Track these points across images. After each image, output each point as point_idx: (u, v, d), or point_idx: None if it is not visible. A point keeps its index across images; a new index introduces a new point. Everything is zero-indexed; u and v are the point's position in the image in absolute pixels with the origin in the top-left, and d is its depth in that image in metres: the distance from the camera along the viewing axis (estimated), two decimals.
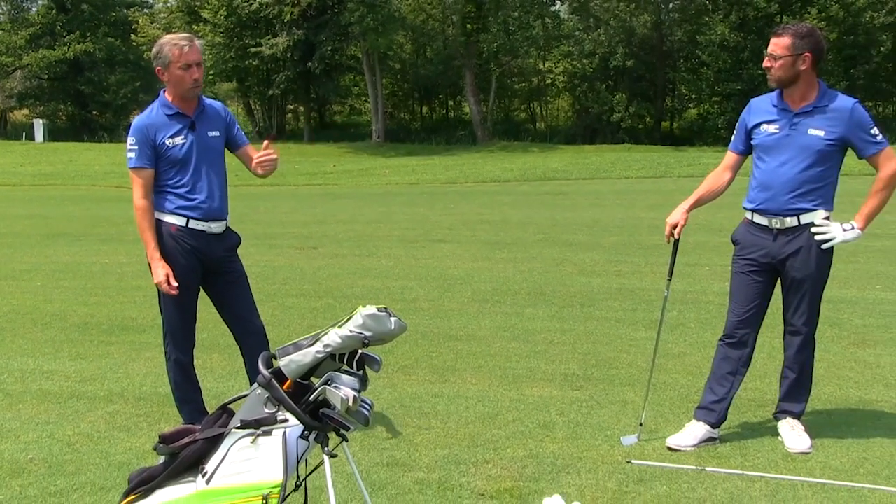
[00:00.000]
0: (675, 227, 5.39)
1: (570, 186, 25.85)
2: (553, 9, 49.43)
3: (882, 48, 43.17)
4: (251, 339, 5.41)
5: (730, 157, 5.52)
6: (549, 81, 52.75)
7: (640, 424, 5.56)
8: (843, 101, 5.17)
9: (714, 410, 5.39)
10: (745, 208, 5.40)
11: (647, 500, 4.59)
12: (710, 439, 5.36)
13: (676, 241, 5.46)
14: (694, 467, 5.00)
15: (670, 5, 48.06)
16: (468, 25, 45.54)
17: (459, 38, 46.95)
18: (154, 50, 5.20)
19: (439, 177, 30.47)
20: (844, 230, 5.15)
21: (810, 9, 40.57)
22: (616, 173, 29.46)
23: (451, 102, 56.53)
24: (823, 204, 5.19)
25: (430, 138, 47.33)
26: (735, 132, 5.51)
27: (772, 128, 5.25)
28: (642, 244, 13.42)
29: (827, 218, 5.19)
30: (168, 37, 5.23)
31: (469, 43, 45.82)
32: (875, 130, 5.16)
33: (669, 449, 5.28)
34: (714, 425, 5.39)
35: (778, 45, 5.14)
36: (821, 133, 5.11)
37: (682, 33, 46.53)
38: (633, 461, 5.09)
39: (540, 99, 54.75)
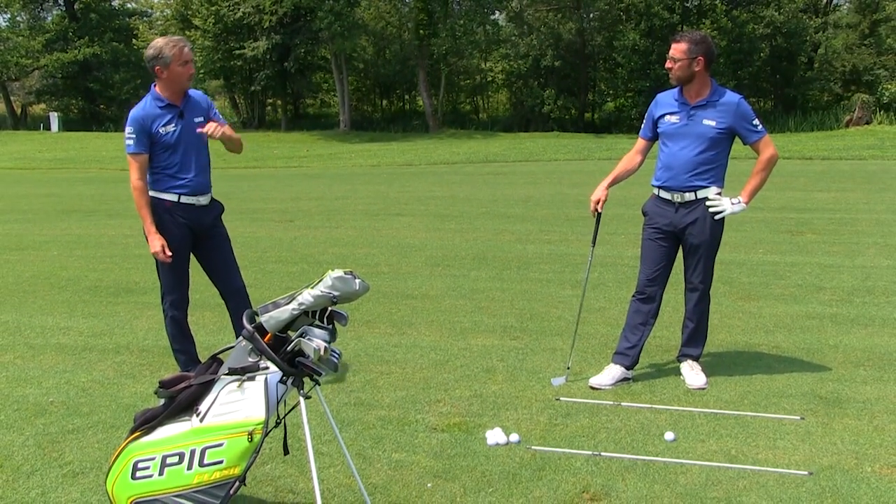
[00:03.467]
0: (598, 202, 5.41)
1: (507, 168, 25.83)
2: (493, 17, 49.09)
3: (762, 54, 43.57)
4: (234, 297, 5.38)
5: (640, 142, 5.54)
6: (489, 79, 52.61)
7: (567, 368, 5.60)
8: (731, 97, 5.21)
9: (628, 355, 5.44)
10: (653, 185, 5.43)
11: (573, 431, 4.63)
12: (624, 379, 5.41)
13: (599, 214, 5.48)
14: (611, 402, 5.06)
15: (591, 15, 47.91)
16: (421, 31, 45.10)
17: (413, 42, 46.55)
18: (151, 52, 4.98)
19: (397, 160, 30.27)
20: (733, 203, 5.21)
21: (705, 20, 40.86)
22: (546, 157, 29.47)
23: (406, 97, 56.01)
24: (716, 182, 5.24)
25: (389, 127, 47.00)
26: (644, 122, 5.52)
27: (673, 118, 5.27)
28: (568, 216, 13.47)
29: (719, 193, 5.24)
30: (165, 39, 5.04)
31: (422, 46, 45.43)
32: (756, 121, 5.22)
33: (591, 388, 5.32)
34: (628, 367, 5.44)
35: (677, 49, 5.16)
36: (713, 123, 5.15)
37: (601, 39, 46.48)
38: (561, 398, 5.14)
39: (482, 93, 54.54)
